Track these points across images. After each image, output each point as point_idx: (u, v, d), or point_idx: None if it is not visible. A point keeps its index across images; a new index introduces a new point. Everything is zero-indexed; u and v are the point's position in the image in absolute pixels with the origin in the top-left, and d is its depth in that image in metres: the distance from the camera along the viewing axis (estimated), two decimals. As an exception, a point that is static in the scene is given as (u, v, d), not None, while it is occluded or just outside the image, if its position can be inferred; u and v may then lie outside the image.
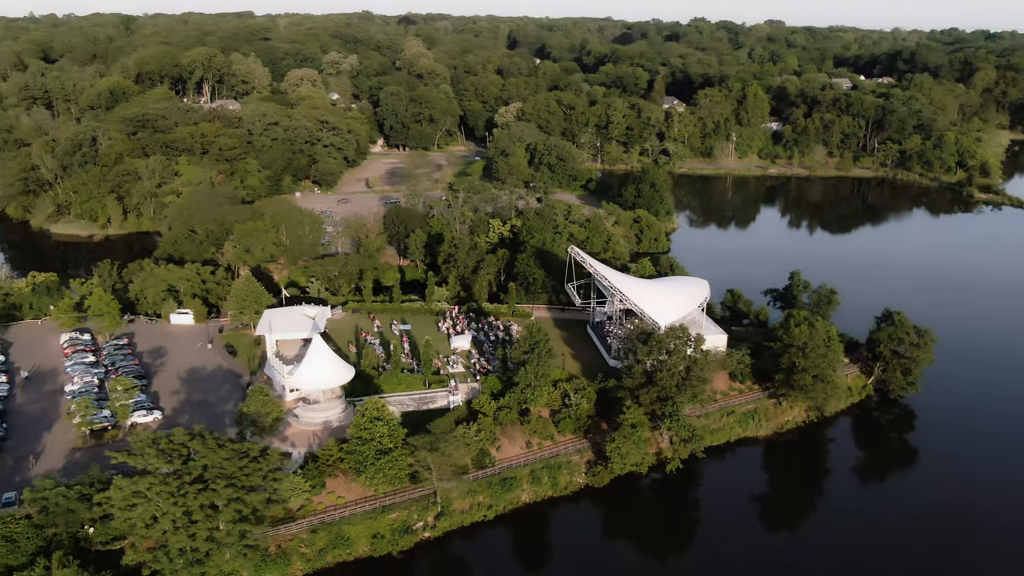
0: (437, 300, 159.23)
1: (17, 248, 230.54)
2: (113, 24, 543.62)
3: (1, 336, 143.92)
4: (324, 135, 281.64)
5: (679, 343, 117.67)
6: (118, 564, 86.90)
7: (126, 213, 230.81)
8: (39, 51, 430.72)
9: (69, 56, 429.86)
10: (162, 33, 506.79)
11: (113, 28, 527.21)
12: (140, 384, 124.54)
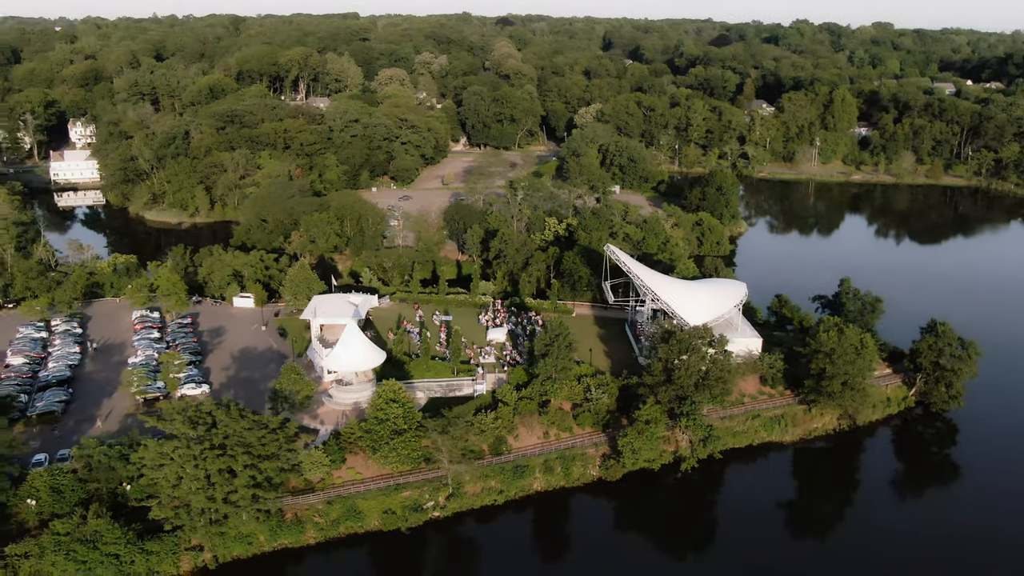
0: (482, 293, 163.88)
1: (116, 232, 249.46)
2: (223, 25, 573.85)
3: (82, 311, 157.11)
4: (403, 133, 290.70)
5: (700, 343, 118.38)
6: (147, 519, 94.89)
7: (213, 203, 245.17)
8: (153, 50, 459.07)
9: (180, 55, 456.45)
10: (266, 33, 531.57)
11: (223, 28, 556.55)
12: (195, 360, 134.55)
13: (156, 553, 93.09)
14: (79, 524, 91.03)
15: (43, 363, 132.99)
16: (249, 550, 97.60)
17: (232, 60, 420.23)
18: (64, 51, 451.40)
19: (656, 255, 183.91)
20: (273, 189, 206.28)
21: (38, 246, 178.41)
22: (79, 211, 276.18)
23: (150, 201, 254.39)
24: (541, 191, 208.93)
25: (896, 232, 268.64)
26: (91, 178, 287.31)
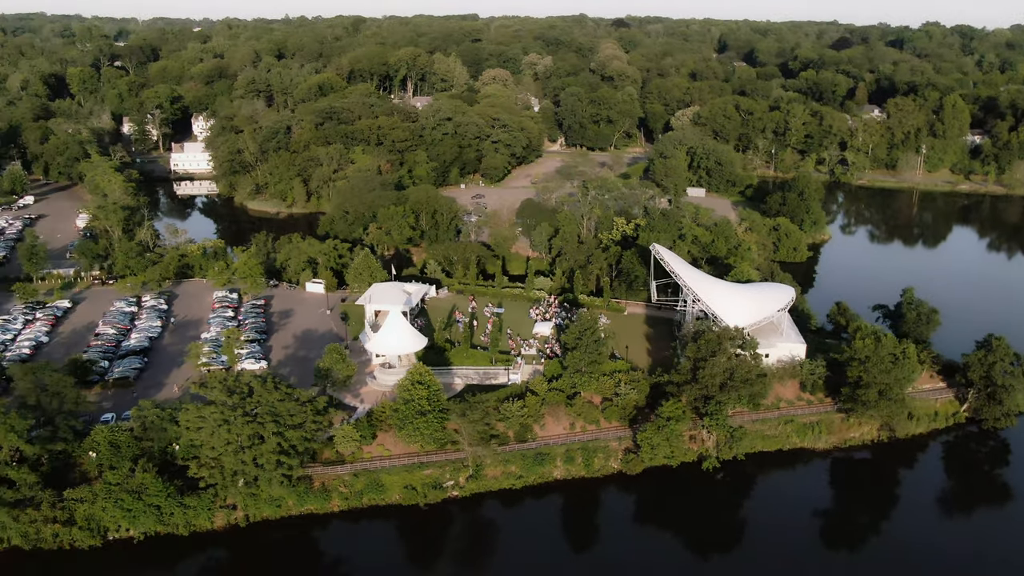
0: (538, 289, 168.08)
1: (221, 219, 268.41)
2: (344, 26, 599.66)
3: (171, 289, 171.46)
4: (494, 132, 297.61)
5: (728, 344, 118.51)
6: (188, 477, 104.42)
7: (309, 195, 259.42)
8: (275, 49, 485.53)
9: (299, 54, 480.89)
10: (382, 34, 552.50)
11: (342, 29, 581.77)
12: (259, 338, 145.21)
13: (193, 508, 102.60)
14: (128, 476, 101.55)
15: (128, 334, 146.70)
16: (277, 512, 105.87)
17: (345, 60, 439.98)
18: (195, 50, 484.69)
19: (724, 259, 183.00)
20: (356, 183, 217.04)
21: (142, 229, 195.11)
22: (192, 199, 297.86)
23: (253, 192, 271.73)
24: (613, 191, 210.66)
25: (1001, 246, 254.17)
26: (206, 169, 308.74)
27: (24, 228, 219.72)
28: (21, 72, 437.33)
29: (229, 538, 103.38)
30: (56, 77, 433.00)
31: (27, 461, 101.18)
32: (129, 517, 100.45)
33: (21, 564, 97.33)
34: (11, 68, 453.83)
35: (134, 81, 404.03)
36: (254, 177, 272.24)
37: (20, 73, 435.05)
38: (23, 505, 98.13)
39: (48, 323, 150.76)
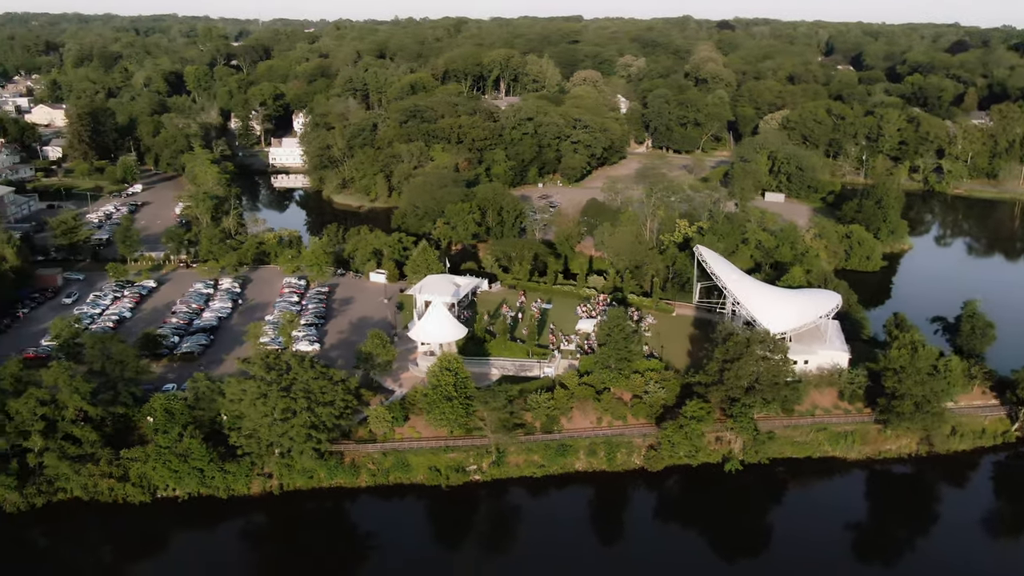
0: (591, 287, 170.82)
1: (309, 211, 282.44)
2: (445, 27, 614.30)
3: (247, 274, 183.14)
4: (575, 132, 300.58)
5: (756, 347, 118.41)
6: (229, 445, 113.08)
7: (391, 190, 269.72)
8: (377, 49, 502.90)
9: (400, 54, 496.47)
10: (480, 35, 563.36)
11: (443, 30, 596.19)
12: (317, 322, 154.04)
13: (233, 474, 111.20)
14: (176, 441, 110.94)
15: (200, 313, 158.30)
16: (309, 483, 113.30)
17: (441, 60, 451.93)
18: (303, 50, 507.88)
19: (790, 264, 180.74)
20: (428, 179, 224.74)
21: (227, 217, 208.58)
22: (286, 191, 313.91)
23: (339, 186, 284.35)
24: (678, 193, 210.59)
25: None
26: (300, 163, 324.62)
27: (130, 213, 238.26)
28: (145, 70, 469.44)
29: (264, 504, 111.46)
30: (175, 75, 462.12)
31: (91, 421, 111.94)
32: (176, 478, 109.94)
33: (80, 514, 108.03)
34: (137, 66, 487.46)
35: (243, 79, 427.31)
36: (341, 172, 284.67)
37: (144, 71, 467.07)
38: (84, 460, 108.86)
39: (133, 300, 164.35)
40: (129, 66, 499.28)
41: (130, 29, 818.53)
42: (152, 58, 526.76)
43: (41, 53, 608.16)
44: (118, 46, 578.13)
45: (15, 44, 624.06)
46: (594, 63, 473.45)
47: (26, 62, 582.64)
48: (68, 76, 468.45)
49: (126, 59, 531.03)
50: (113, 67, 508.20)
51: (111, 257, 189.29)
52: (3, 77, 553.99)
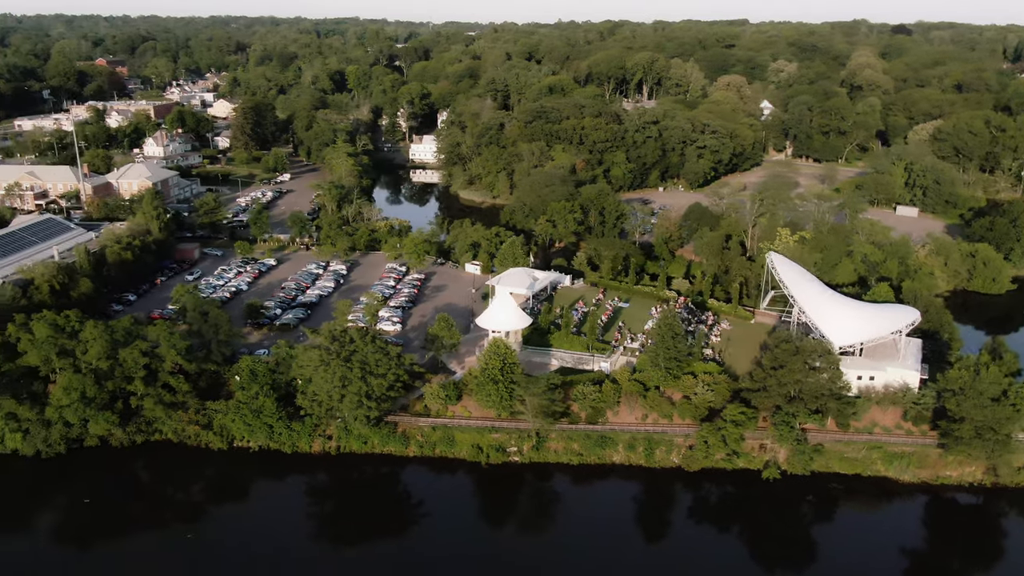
0: (675, 290, 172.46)
1: (436, 204, 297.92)
2: (599, 30, 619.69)
3: (356, 259, 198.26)
4: (701, 137, 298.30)
5: (809, 358, 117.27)
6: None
7: (512, 188, 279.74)
8: (527, 52, 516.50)
9: (548, 57, 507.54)
10: (633, 39, 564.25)
11: (596, 34, 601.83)
12: (406, 305, 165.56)
13: (297, 432, 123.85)
14: (252, 398, 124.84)
15: (305, 291, 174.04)
16: (363, 448, 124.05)
17: (584, 63, 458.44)
18: (457, 52, 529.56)
19: (894, 280, 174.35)
20: (537, 177, 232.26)
21: (349, 206, 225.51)
22: (421, 186, 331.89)
23: (466, 182, 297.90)
24: (785, 202, 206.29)
25: None
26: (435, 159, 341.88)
27: (273, 199, 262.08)
28: (314, 69, 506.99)
29: (321, 462, 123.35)
30: (340, 74, 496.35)
31: (186, 374, 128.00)
32: (249, 430, 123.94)
33: (169, 454, 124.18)
34: (308, 66, 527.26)
35: (397, 79, 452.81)
36: (469, 169, 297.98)
37: (313, 70, 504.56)
38: (176, 407, 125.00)
39: (252, 276, 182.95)
40: (303, 65, 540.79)
41: (312, 31, 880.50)
42: (323, 58, 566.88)
43: (232, 53, 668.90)
44: (296, 47, 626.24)
45: (211, 45, 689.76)
46: (745, 68, 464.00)
47: (217, 61, 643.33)
48: (248, 74, 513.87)
49: (301, 59, 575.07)
50: (289, 66, 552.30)
51: (246, 237, 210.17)
52: (196, 74, 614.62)
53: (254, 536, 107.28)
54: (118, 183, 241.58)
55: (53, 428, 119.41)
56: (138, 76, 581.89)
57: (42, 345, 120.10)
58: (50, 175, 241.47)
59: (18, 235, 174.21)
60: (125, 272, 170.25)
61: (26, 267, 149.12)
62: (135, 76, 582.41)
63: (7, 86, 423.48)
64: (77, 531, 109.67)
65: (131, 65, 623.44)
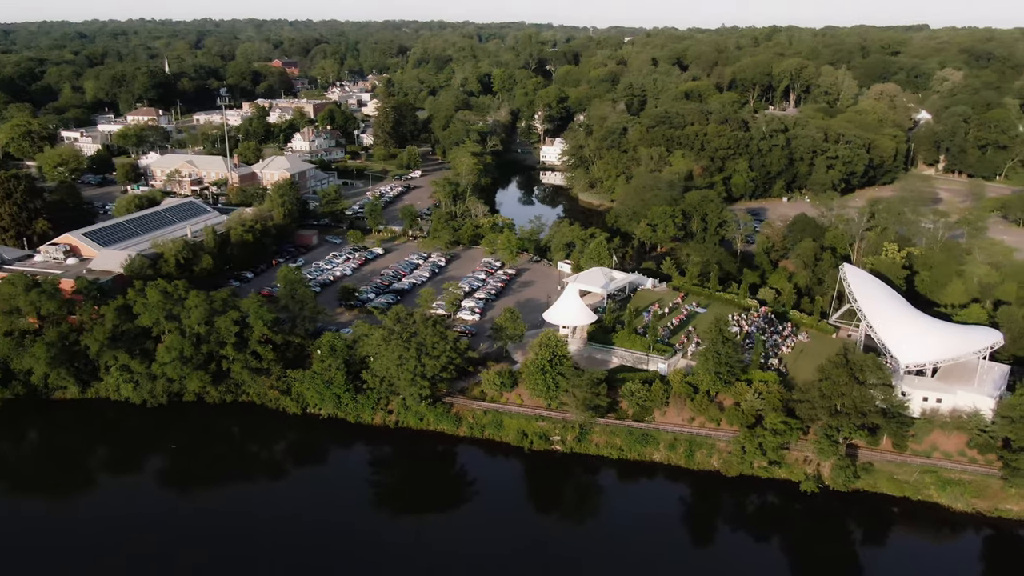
0: (758, 299, 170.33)
1: (555, 205, 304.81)
2: (752, 36, 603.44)
3: (457, 252, 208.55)
4: (836, 148, 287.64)
5: (859, 372, 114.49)
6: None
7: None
8: (674, 57, 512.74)
9: (695, 63, 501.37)
10: (787, 44, 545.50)
11: (749, 39, 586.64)
12: (489, 297, 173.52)
13: (361, 404, 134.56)
14: (326, 370, 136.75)
15: (401, 279, 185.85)
16: (419, 424, 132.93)
17: (728, 69, 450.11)
18: (603, 56, 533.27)
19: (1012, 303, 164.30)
20: (643, 181, 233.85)
21: (461, 203, 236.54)
22: (547, 187, 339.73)
23: (588, 184, 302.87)
24: (899, 216, 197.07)
25: None
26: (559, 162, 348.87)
27: (400, 194, 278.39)
28: (464, 72, 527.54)
29: (380, 433, 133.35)
30: (488, 76, 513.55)
31: (273, 344, 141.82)
32: (320, 399, 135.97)
33: (251, 414, 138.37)
34: (460, 68, 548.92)
35: (539, 82, 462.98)
36: (591, 172, 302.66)
37: (463, 72, 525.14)
38: (261, 373, 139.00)
39: (358, 262, 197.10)
40: (456, 68, 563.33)
41: (474, 36, 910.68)
42: (475, 61, 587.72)
43: (393, 55, 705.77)
44: (453, 50, 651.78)
45: (376, 48, 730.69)
46: (908, 76, 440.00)
47: (379, 63, 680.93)
48: (403, 75, 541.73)
49: (455, 62, 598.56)
50: (443, 69, 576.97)
51: (362, 227, 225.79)
52: (359, 75, 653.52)
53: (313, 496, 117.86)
54: (261, 173, 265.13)
55: (158, 382, 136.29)
56: (306, 76, 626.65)
57: (153, 309, 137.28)
58: (205, 164, 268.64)
59: (161, 214, 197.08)
60: (246, 252, 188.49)
61: (158, 242, 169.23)
62: (304, 76, 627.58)
63: (191, 84, 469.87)
64: (162, 473, 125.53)
65: (302, 66, 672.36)
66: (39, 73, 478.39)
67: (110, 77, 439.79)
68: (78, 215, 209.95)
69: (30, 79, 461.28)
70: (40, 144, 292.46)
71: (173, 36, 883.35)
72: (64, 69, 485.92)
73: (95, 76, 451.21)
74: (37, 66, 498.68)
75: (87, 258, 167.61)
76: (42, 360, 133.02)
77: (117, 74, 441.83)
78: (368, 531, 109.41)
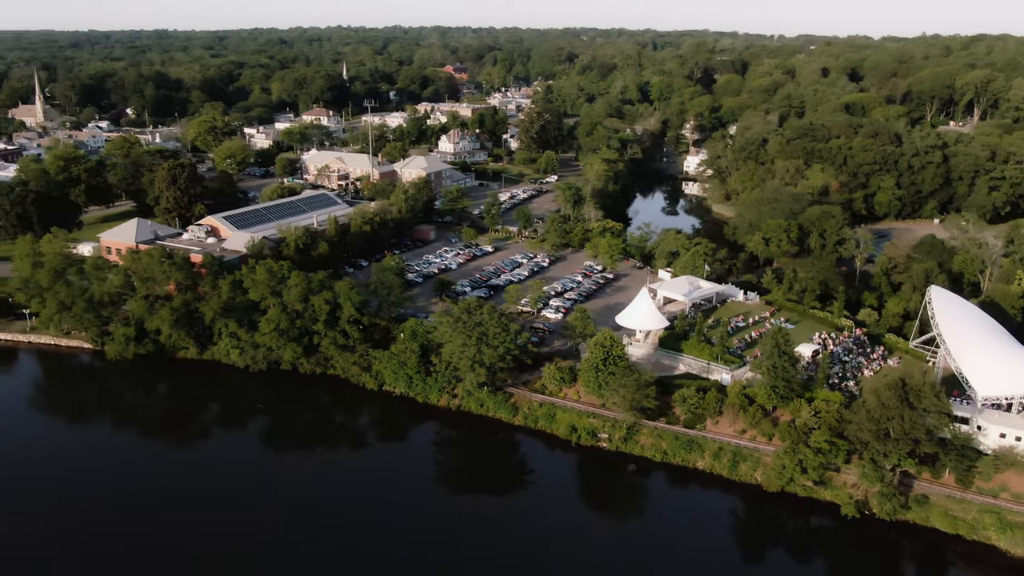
0: (855, 319, 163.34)
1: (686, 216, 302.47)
2: (944, 45, 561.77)
3: (564, 254, 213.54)
4: (1002, 167, 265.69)
5: (914, 397, 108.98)
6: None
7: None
8: (849, 68, 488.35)
9: (872, 74, 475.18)
10: (986, 55, 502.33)
11: (940, 48, 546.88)
12: (578, 299, 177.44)
13: (430, 386, 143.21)
14: (402, 351, 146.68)
15: (499, 275, 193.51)
16: (478, 410, 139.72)
17: (903, 81, 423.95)
18: (770, 65, 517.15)
19: None
20: (766, 193, 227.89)
21: (579, 207, 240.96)
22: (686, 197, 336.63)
23: (723, 196, 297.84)
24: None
25: None
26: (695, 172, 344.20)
27: (530, 197, 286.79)
28: (625, 79, 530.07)
29: (443, 414, 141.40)
30: (648, 84, 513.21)
31: (361, 324, 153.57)
32: (394, 378, 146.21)
33: (335, 386, 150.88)
34: (621, 76, 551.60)
35: (696, 91, 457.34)
36: (728, 184, 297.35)
37: (624, 80, 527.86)
38: (346, 350, 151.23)
39: (465, 258, 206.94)
40: (619, 75, 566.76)
41: (649, 44, 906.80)
42: (640, 69, 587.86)
43: (561, 62, 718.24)
44: (620, 58, 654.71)
45: (544, 55, 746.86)
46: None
47: (546, 70, 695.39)
48: (563, 82, 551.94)
49: (619, 69, 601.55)
50: (607, 76, 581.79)
51: (481, 225, 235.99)
52: (524, 81, 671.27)
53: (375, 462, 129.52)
54: (401, 171, 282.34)
55: (259, 350, 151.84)
56: (473, 82, 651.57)
57: (259, 285, 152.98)
58: (353, 161, 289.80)
59: (295, 204, 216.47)
60: (364, 242, 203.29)
61: (283, 228, 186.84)
62: (472, 81, 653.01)
63: (363, 87, 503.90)
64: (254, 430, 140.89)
65: (472, 71, 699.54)
66: (236, 75, 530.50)
67: (293, 80, 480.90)
68: (232, 201, 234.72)
69: (228, 80, 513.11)
70: (221, 139, 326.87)
71: (361, 42, 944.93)
72: (256, 72, 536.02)
73: (281, 79, 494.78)
74: (236, 69, 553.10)
75: (224, 238, 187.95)
76: (167, 322, 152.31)
77: (299, 77, 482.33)
78: (412, 503, 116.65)
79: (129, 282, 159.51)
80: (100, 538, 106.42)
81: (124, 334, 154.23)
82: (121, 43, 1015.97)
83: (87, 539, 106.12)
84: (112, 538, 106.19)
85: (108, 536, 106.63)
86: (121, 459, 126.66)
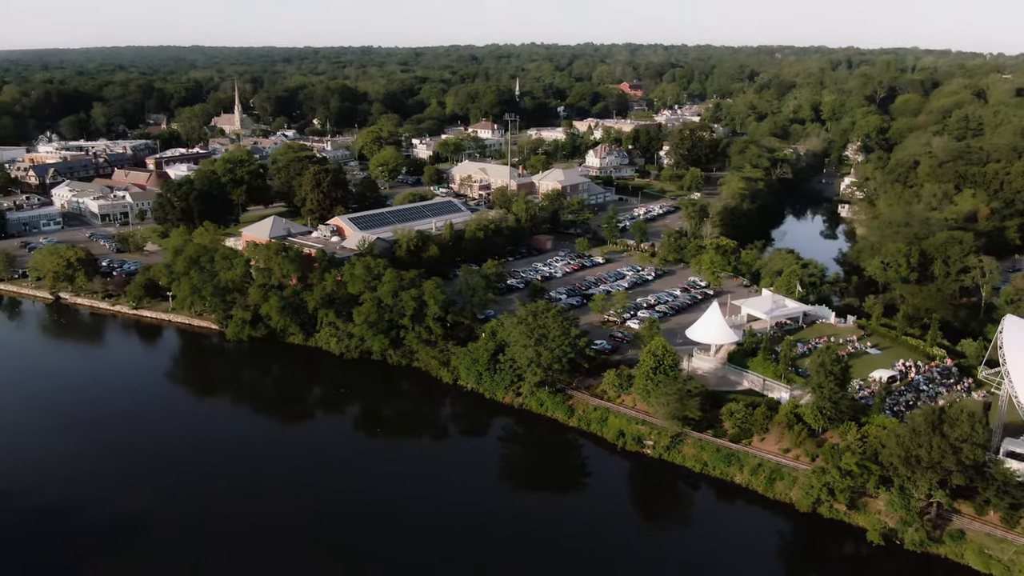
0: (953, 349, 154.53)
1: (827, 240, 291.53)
2: None
3: (673, 268, 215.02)
4: None
5: (950, 425, 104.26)
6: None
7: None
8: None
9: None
10: None
11: None
12: (666, 312, 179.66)
13: (497, 383, 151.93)
14: (476, 349, 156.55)
15: (598, 285, 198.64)
16: (539, 409, 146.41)
17: None
18: (958, 85, 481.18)
19: None
20: (893, 217, 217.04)
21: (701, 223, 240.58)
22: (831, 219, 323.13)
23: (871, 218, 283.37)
24: None
25: None
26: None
27: (663, 213, 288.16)
28: (799, 99, 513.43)
29: (505, 410, 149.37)
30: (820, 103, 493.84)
31: (445, 322, 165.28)
32: (467, 373, 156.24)
33: (416, 377, 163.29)
34: (797, 95, 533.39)
35: (869, 111, 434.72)
36: (876, 207, 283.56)
37: (798, 100, 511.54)
38: (429, 344, 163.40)
39: (573, 267, 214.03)
40: (796, 94, 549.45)
41: (842, 63, 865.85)
42: (820, 88, 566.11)
43: (740, 81, 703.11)
44: (802, 77, 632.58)
45: (723, 73, 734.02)
46: None
47: (723, 88, 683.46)
48: (736, 100, 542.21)
49: (798, 88, 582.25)
50: (785, 95, 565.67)
51: (600, 237, 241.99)
52: (699, 99, 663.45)
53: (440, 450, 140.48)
54: (539, 183, 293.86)
55: (352, 340, 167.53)
56: (646, 99, 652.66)
57: (357, 280, 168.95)
58: (494, 172, 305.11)
59: (419, 209, 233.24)
60: (477, 247, 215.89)
61: (398, 231, 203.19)
62: (645, 99, 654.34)
63: (532, 102, 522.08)
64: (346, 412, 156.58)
65: (647, 88, 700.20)
66: (416, 89, 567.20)
67: (466, 94, 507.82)
68: (372, 205, 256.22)
69: (409, 94, 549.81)
70: (384, 148, 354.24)
71: (547, 59, 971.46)
72: (435, 86, 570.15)
73: (455, 93, 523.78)
74: (418, 83, 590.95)
75: (346, 237, 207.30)
76: (275, 309, 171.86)
77: (472, 91, 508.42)
78: (471, 500, 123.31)
79: (250, 272, 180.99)
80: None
81: (242, 318, 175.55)
82: (327, 58, 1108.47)
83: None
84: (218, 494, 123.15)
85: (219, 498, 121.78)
86: (228, 432, 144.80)
